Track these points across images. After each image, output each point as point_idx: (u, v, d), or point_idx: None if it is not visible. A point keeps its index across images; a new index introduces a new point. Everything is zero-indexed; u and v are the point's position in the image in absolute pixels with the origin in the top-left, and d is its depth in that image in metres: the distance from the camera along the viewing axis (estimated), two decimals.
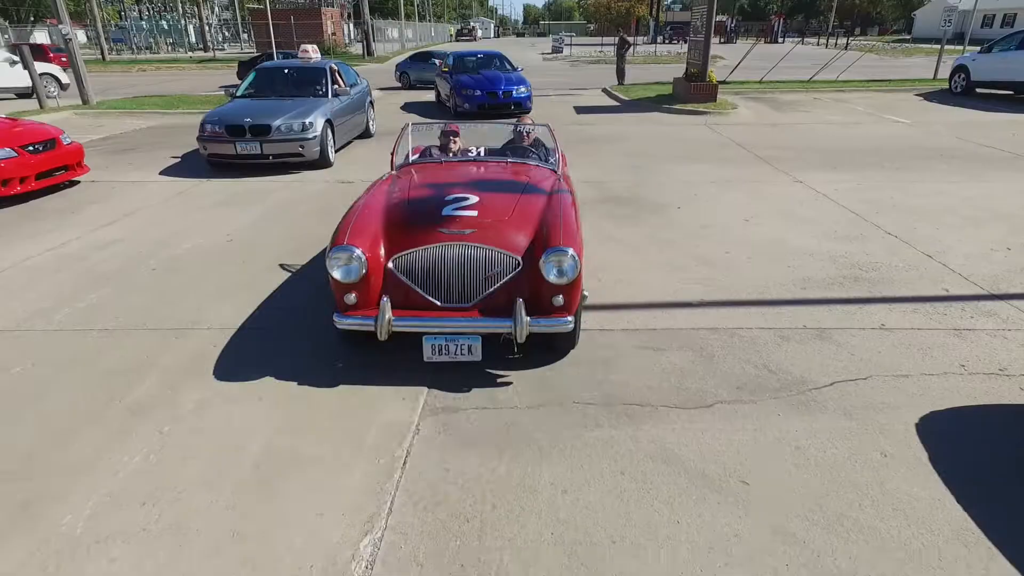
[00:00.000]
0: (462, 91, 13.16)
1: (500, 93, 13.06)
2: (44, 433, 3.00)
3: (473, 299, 3.25)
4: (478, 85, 13.19)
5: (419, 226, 3.38)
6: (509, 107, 13.21)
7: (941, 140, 10.28)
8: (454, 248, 3.24)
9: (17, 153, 6.81)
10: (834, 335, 3.88)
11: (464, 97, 13.08)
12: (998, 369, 3.47)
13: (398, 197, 3.79)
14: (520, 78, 13.96)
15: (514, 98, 13.26)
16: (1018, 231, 5.73)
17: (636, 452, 2.85)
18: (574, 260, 3.15)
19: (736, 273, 4.86)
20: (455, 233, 3.29)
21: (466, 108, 13.01)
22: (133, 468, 2.75)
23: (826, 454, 2.82)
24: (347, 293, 3.20)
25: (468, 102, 13.02)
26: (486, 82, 13.31)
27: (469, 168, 4.52)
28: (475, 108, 13.00)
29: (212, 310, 4.27)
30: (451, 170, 4.44)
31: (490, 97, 13.03)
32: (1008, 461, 2.77)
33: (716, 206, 6.68)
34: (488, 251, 3.25)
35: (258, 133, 7.87)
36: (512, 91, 13.22)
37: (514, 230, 3.39)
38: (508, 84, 13.34)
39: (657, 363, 3.59)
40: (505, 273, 3.25)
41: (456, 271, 3.23)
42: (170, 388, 3.35)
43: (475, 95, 12.99)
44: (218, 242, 5.70)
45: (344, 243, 3.20)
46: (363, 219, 3.47)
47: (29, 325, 4.10)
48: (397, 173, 4.45)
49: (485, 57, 15.31)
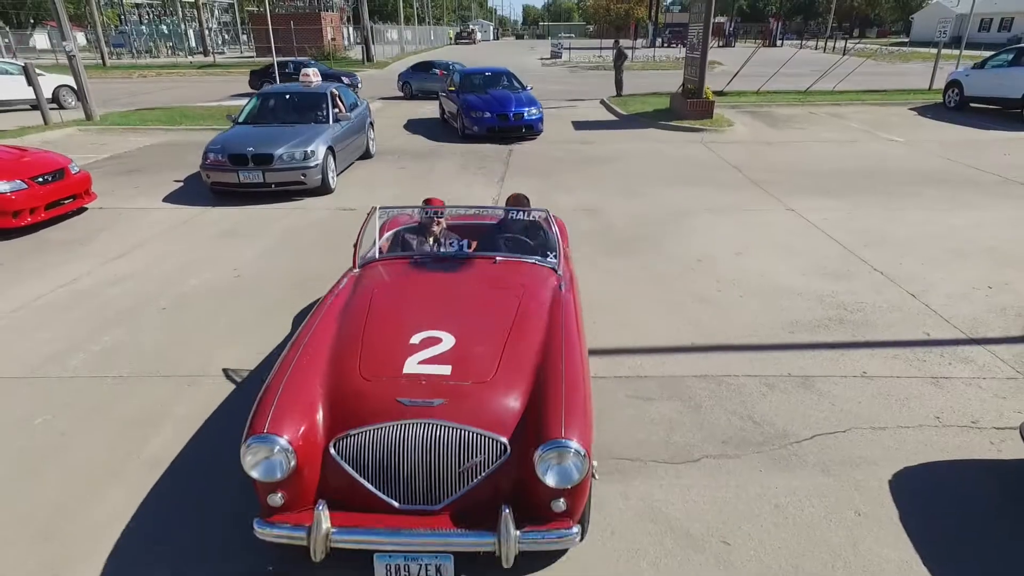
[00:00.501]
0: (470, 113, 12.66)
1: (511, 115, 12.56)
2: (68, 489, 3.17)
3: (442, 500, 2.46)
4: (487, 106, 12.67)
5: (371, 394, 2.58)
6: (520, 130, 12.78)
7: (932, 162, 10.46)
8: (417, 428, 2.44)
9: (27, 185, 6.98)
10: (817, 383, 4.06)
11: (473, 119, 12.60)
12: (970, 422, 3.65)
13: (348, 335, 2.97)
14: (530, 98, 13.39)
15: (525, 120, 12.73)
16: (1000, 266, 5.91)
17: (626, 511, 3.03)
18: (580, 459, 2.36)
19: (726, 314, 5.03)
20: (419, 405, 2.49)
21: (475, 131, 12.56)
22: (156, 527, 2.93)
23: (804, 512, 3.00)
24: (271, 493, 2.41)
25: (477, 124, 12.54)
26: (495, 103, 12.77)
27: (448, 280, 3.58)
28: (484, 131, 12.54)
29: (222, 356, 4.44)
30: (424, 283, 3.57)
31: (500, 120, 12.51)
32: (976, 519, 2.94)
33: (709, 237, 6.86)
34: (463, 432, 2.45)
35: (261, 162, 8.04)
36: (523, 113, 12.71)
37: (501, 395, 2.60)
38: (519, 105, 12.79)
39: (647, 414, 3.77)
40: (487, 463, 2.46)
41: (420, 461, 2.42)
42: (184, 442, 3.52)
43: (484, 117, 12.49)
44: (225, 277, 5.87)
45: (264, 432, 2.39)
46: (294, 386, 2.62)
47: (45, 371, 4.27)
48: (359, 275, 3.66)
49: (493, 75, 14.70)
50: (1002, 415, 3.71)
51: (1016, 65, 14.23)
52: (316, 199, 8.50)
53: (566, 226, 4.71)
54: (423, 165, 10.69)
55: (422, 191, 8.85)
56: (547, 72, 32.21)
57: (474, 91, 13.62)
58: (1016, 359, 4.30)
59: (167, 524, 2.95)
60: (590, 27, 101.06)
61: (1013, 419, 3.64)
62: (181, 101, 19.37)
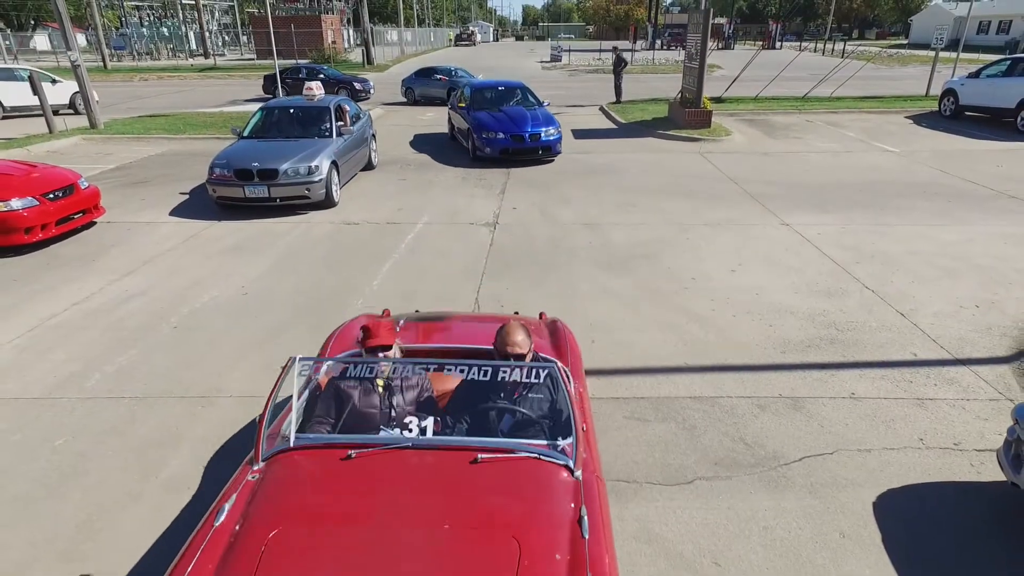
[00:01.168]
0: (482, 133, 11.51)
1: (526, 136, 11.38)
2: (90, 510, 3.33)
3: None
4: (500, 126, 11.51)
5: None
6: (536, 152, 11.60)
7: (926, 174, 10.62)
8: None
9: (39, 201, 7.13)
10: (807, 404, 4.22)
11: (485, 140, 11.47)
12: (953, 444, 3.81)
13: None
14: (548, 116, 12.19)
15: (543, 142, 11.53)
16: (988, 284, 6.07)
17: (622, 532, 3.18)
18: None
19: (721, 333, 5.19)
20: None
21: (487, 153, 11.49)
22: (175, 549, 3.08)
23: (791, 534, 3.16)
24: None
25: (489, 146, 11.42)
26: (509, 122, 11.63)
27: (396, 488, 2.31)
28: (497, 153, 11.43)
29: (233, 377, 4.60)
30: (356, 504, 2.25)
31: (515, 140, 11.36)
32: (956, 542, 3.11)
33: (705, 253, 7.02)
34: None
35: (266, 177, 8.19)
36: (540, 133, 11.51)
37: None
38: (535, 124, 11.61)
39: (643, 435, 3.93)
40: None
41: None
42: (202, 464, 3.68)
43: (497, 138, 11.35)
44: (233, 296, 6.02)
45: None
46: None
47: (63, 392, 4.43)
48: (259, 481, 2.37)
49: (507, 89, 13.42)
50: (983, 436, 3.88)
51: (1010, 75, 14.40)
52: (320, 212, 8.66)
53: (576, 342, 3.63)
54: (424, 176, 10.84)
55: (424, 204, 9.01)
56: (547, 76, 32.38)
57: (486, 107, 12.46)
58: (998, 380, 4.47)
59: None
60: (590, 28, 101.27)
61: (993, 441, 3.80)
62: (183, 107, 19.52)
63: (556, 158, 12.00)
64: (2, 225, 6.89)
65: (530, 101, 12.99)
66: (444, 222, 8.26)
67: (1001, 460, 3.22)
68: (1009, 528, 3.19)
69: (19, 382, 4.54)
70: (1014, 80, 14.20)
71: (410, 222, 8.24)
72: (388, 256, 7.02)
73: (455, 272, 6.57)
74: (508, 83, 14.00)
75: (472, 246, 7.34)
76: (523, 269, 6.62)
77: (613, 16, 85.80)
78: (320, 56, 36.96)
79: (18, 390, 4.44)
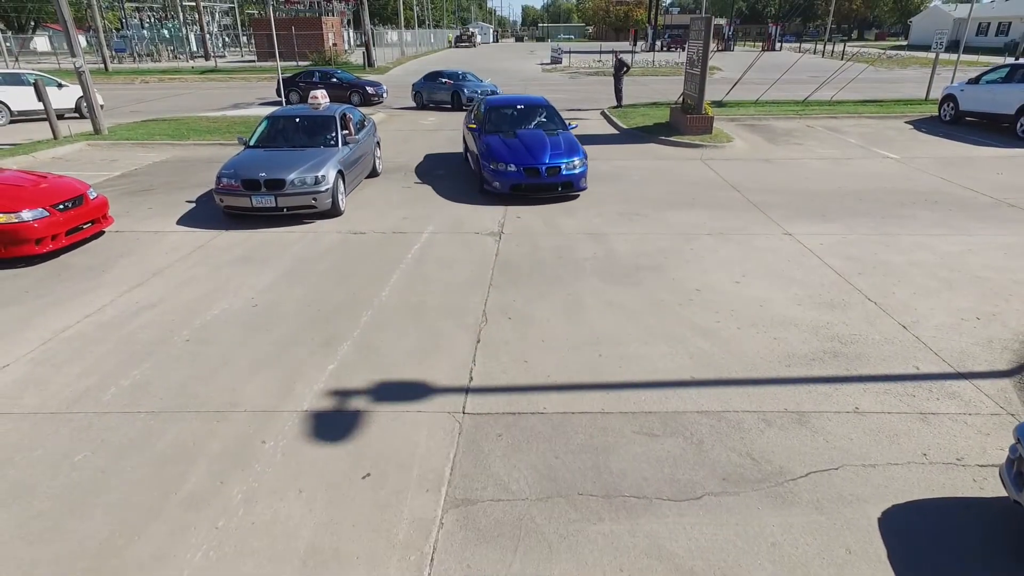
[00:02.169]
0: (491, 163, 9.64)
1: (543, 169, 9.43)
2: (111, 527, 3.40)
3: None
4: (513, 156, 9.60)
5: None
6: (555, 188, 9.60)
7: (927, 181, 10.71)
8: None
9: (49, 212, 7.20)
10: (812, 419, 4.30)
11: (493, 172, 9.59)
12: (955, 459, 3.89)
13: None
14: (571, 143, 10.10)
15: (563, 176, 9.48)
16: (989, 296, 6.15)
17: (634, 548, 3.26)
18: None
19: (726, 346, 5.27)
20: None
21: (496, 188, 9.64)
22: (196, 566, 3.16)
23: (798, 550, 3.24)
24: None
25: (499, 179, 9.54)
26: (523, 150, 9.72)
27: None
28: (507, 189, 9.56)
29: (246, 392, 4.67)
30: None
31: (528, 175, 9.45)
32: (958, 558, 3.18)
33: (709, 263, 7.09)
34: None
35: (273, 187, 8.26)
36: (560, 166, 9.47)
37: None
38: (555, 154, 9.62)
39: (652, 450, 4.01)
40: None
41: None
42: (220, 480, 3.75)
43: (508, 171, 9.47)
44: (244, 308, 6.09)
45: None
46: None
47: (80, 407, 4.50)
48: None
49: (526, 108, 11.31)
50: (985, 452, 3.96)
51: (1009, 81, 14.49)
52: (327, 222, 8.72)
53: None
54: (429, 185, 10.91)
55: (430, 212, 9.08)
56: (548, 78, 32.47)
57: (500, 130, 10.61)
58: (1000, 394, 4.55)
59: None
60: (589, 29, 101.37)
61: (995, 456, 3.88)
62: (185, 110, 19.60)
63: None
64: (13, 236, 6.96)
65: (553, 124, 10.96)
66: (449, 231, 8.33)
67: (1003, 478, 3.30)
68: (1012, 546, 3.26)
69: (37, 396, 4.61)
70: (1014, 86, 14.30)
71: (416, 231, 8.32)
72: (396, 266, 7.10)
73: (462, 282, 6.65)
74: (528, 100, 11.91)
75: (478, 256, 7.41)
76: (529, 280, 6.69)
77: (612, 17, 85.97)
78: (321, 58, 37.04)
79: (36, 404, 4.51)
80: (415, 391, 4.68)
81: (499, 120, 10.95)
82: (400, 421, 4.32)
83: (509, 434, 4.17)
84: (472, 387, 4.72)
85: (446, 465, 3.88)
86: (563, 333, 5.53)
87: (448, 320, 5.79)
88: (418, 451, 4.01)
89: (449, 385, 4.75)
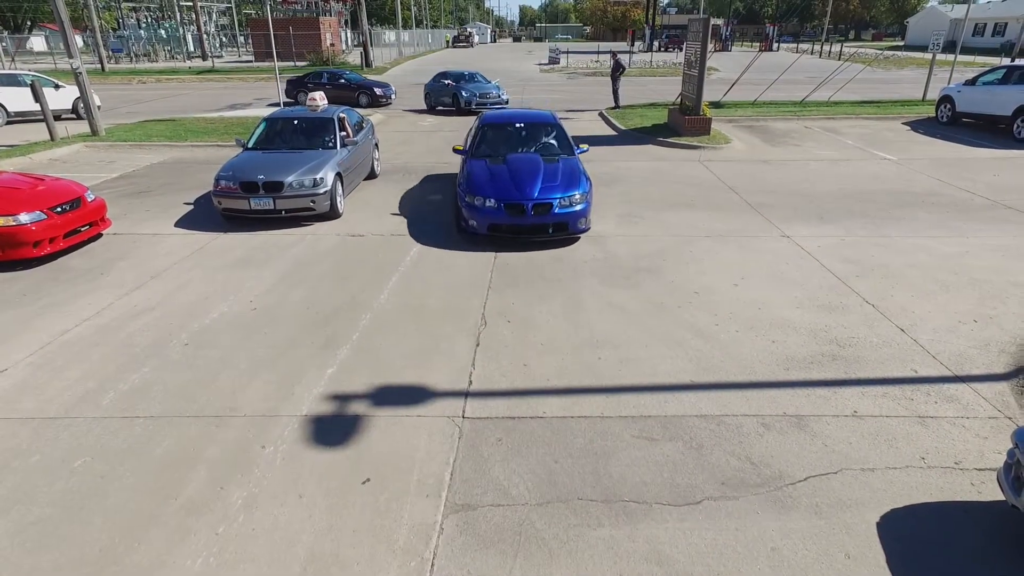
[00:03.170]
0: (467, 195, 7.78)
1: (528, 206, 7.49)
2: (112, 534, 3.40)
3: None
4: (495, 188, 7.68)
5: None
6: (546, 230, 7.66)
7: (924, 183, 10.74)
8: None
9: (47, 215, 7.18)
10: (811, 423, 4.31)
11: (469, 208, 7.70)
12: (954, 463, 3.91)
13: None
14: (572, 173, 8.12)
15: (555, 215, 7.56)
16: (986, 299, 6.17)
17: (633, 553, 3.27)
18: None
19: (725, 350, 5.28)
20: None
21: (473, 227, 7.75)
22: (196, 572, 3.16)
23: (797, 555, 3.25)
24: None
25: (475, 216, 7.65)
26: (507, 181, 7.80)
27: None
28: (484, 229, 7.68)
29: (246, 396, 4.67)
30: None
31: (510, 213, 7.50)
32: (957, 563, 3.20)
33: (708, 266, 7.11)
34: None
35: (271, 189, 8.25)
36: (553, 202, 7.55)
37: None
38: (548, 187, 7.69)
39: (651, 455, 4.01)
40: None
41: None
42: (219, 486, 3.75)
43: (485, 206, 7.57)
44: (242, 311, 6.08)
45: None
46: None
47: (79, 412, 4.49)
48: None
49: (528, 127, 9.35)
50: (983, 455, 3.97)
51: (1006, 83, 14.54)
52: (325, 224, 8.72)
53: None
54: (427, 187, 10.91)
55: (427, 216, 9.07)
56: (546, 79, 32.49)
57: (491, 153, 8.76)
58: (997, 398, 4.57)
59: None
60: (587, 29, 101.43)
61: (993, 460, 3.90)
62: (183, 111, 19.57)
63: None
64: (11, 239, 6.94)
65: (554, 149, 9.01)
66: (448, 233, 8.33)
67: (1001, 482, 3.32)
68: (1011, 550, 3.28)
69: (36, 401, 4.60)
70: (1010, 88, 14.34)
71: (414, 233, 8.31)
72: (394, 269, 7.09)
73: (461, 285, 6.65)
74: (532, 116, 9.79)
75: (476, 258, 7.41)
76: (528, 283, 6.70)
77: (610, 17, 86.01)
78: (319, 58, 37.02)
79: (35, 409, 4.50)
80: (414, 395, 4.69)
81: (495, 141, 9.07)
82: (400, 425, 4.32)
83: (509, 438, 4.17)
84: (472, 391, 4.73)
85: (446, 470, 3.88)
86: (562, 336, 5.53)
87: (447, 323, 5.80)
88: (418, 456, 4.01)
89: (449, 389, 4.75)
